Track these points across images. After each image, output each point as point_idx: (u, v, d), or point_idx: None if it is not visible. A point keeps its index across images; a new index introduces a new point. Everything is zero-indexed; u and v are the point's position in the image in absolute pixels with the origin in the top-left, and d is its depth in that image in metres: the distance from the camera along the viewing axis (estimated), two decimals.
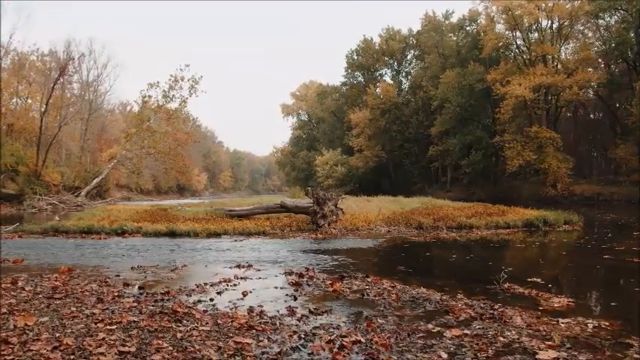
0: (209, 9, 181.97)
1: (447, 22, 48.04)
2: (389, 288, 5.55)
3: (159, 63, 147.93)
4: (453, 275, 6.83)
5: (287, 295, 5.16)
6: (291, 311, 4.37)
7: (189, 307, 4.46)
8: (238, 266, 6.97)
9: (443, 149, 41.83)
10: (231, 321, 3.94)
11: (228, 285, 5.60)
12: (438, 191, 40.05)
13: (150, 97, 32.28)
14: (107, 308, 4.28)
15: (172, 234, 11.75)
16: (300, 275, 6.21)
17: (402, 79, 55.28)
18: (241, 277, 6.08)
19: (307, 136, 69.35)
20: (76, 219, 14.53)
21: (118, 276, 6.19)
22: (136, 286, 5.42)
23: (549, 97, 37.09)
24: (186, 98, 32.85)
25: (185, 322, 3.89)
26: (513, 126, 36.97)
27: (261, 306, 4.57)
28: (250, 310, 4.41)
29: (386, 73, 56.43)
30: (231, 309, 4.46)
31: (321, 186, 51.11)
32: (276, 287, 5.55)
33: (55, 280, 5.68)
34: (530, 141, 34.51)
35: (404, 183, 44.61)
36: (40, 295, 4.81)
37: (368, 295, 5.19)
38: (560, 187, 33.99)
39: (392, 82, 53.34)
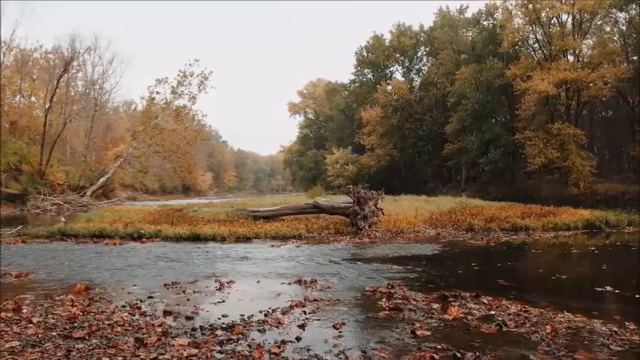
0: (211, 9, 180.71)
1: (461, 17, 46.59)
2: (522, 313, 4.12)
3: (160, 63, 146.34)
4: (577, 291, 5.38)
5: (396, 327, 3.71)
6: (431, 358, 2.93)
7: (276, 352, 3.02)
8: (299, 282, 5.52)
9: (459, 147, 40.30)
10: None
11: (304, 311, 4.16)
12: (452, 190, 38.55)
13: (158, 93, 30.90)
14: (156, 358, 2.84)
15: (196, 238, 10.33)
16: (389, 295, 4.77)
17: (414, 76, 53.80)
18: (314, 299, 4.63)
19: (315, 134, 67.89)
20: (84, 221, 13.12)
21: (152, 298, 4.74)
22: (183, 316, 3.98)
23: (570, 93, 35.59)
24: (196, 95, 31.48)
25: None
26: (534, 123, 35.45)
27: (375, 349, 3.14)
28: (368, 358, 2.97)
29: (397, 70, 54.97)
30: (337, 355, 3.02)
31: (332, 185, 49.68)
32: (370, 315, 4.10)
33: (71, 306, 4.25)
34: (553, 138, 33.00)
35: (415, 182, 43.06)
36: (54, 333, 3.38)
37: (506, 325, 3.76)
38: (583, 185, 32.47)
39: (403, 79, 51.87)
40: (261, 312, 4.09)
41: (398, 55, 53.31)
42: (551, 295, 5.11)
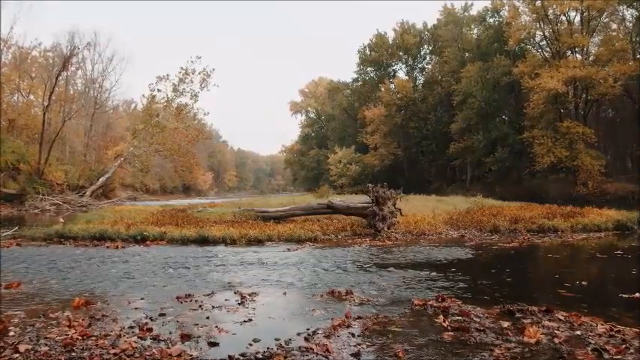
0: (211, 9, 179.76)
1: (466, 14, 45.92)
2: (615, 334, 3.41)
3: (160, 63, 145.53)
4: None
5: (472, 355, 2.99)
6: None
7: None
8: (332, 293, 4.79)
9: (464, 146, 39.62)
10: None
11: (352, 334, 3.43)
12: (457, 190, 37.82)
13: (159, 90, 30.14)
14: None
15: (204, 240, 9.61)
16: (444, 310, 4.05)
17: (417, 74, 53.07)
18: (358, 317, 3.91)
19: (317, 134, 67.14)
20: (84, 222, 12.38)
21: (164, 315, 4.01)
22: (205, 341, 3.26)
23: (579, 92, 34.91)
24: (198, 92, 30.71)
25: None
26: (543, 121, 34.76)
27: None
28: None
29: (400, 69, 54.22)
30: None
31: (334, 185, 48.87)
32: (433, 337, 3.38)
33: (68, 326, 3.53)
34: (562, 137, 32.32)
35: (419, 182, 42.30)
36: None
37: (605, 350, 3.05)
38: (592, 185, 31.80)
39: (407, 77, 51.18)
40: (299, 334, 3.37)
41: (401, 54, 52.62)
42: (630, 309, 4.39)
